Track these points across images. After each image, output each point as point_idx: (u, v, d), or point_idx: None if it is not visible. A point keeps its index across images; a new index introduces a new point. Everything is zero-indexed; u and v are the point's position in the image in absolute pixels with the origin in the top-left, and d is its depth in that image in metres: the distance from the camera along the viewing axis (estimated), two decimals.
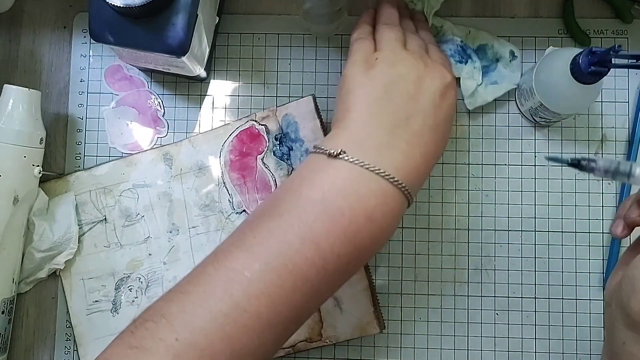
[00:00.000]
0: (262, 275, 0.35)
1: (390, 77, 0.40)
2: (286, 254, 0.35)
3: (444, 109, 0.41)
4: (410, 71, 0.41)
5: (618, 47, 0.40)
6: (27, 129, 0.48)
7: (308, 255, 0.35)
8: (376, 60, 0.42)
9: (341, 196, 0.37)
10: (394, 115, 0.40)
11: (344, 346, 0.51)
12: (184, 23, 0.44)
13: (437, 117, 0.41)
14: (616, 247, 0.51)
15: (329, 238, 0.36)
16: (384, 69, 0.41)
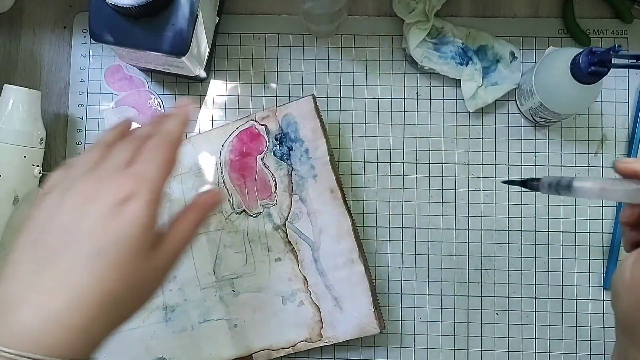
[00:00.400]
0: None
1: (53, 208, 0.33)
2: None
3: (110, 230, 0.32)
4: (76, 196, 0.33)
5: (618, 47, 0.40)
6: (27, 129, 0.48)
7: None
8: (48, 190, 0.35)
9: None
10: (35, 261, 0.32)
11: (344, 346, 0.51)
12: (184, 23, 0.44)
13: (99, 243, 0.32)
14: (616, 247, 0.51)
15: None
16: (51, 200, 0.34)
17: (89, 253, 0.32)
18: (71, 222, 0.32)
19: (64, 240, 0.32)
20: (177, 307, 0.51)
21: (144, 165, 0.35)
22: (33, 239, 0.33)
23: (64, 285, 0.31)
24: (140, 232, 0.33)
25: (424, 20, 0.51)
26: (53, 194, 0.34)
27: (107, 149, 0.36)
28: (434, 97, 0.53)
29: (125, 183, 0.33)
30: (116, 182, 0.33)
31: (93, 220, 0.32)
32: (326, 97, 0.54)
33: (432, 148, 0.53)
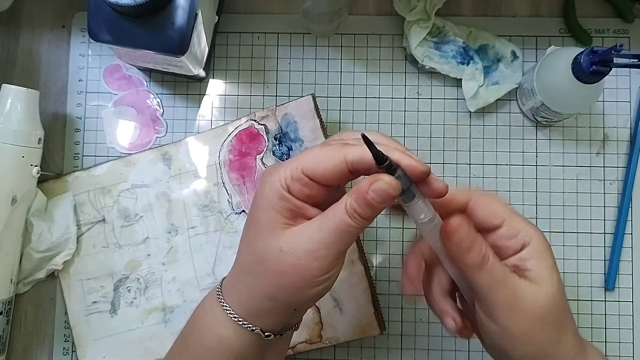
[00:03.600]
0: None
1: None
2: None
3: (249, 211, 0.37)
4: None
5: (619, 47, 0.40)
6: (25, 129, 0.48)
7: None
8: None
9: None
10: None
11: (344, 347, 0.51)
12: (183, 22, 0.43)
13: (246, 223, 0.37)
14: (618, 247, 0.51)
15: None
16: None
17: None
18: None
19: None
20: (176, 308, 0.51)
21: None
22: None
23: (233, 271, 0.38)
24: (260, 209, 0.35)
25: (425, 19, 0.51)
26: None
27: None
28: (434, 97, 0.53)
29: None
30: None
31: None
32: (326, 96, 0.53)
33: (433, 148, 0.53)
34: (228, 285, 0.37)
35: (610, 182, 0.52)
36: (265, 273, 0.34)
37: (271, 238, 0.34)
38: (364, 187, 0.33)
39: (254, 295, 0.35)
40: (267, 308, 0.35)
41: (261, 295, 0.35)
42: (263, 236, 0.34)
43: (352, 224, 0.33)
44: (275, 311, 0.35)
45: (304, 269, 0.33)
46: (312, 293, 0.34)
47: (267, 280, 0.34)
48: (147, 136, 0.53)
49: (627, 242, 0.51)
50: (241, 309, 0.36)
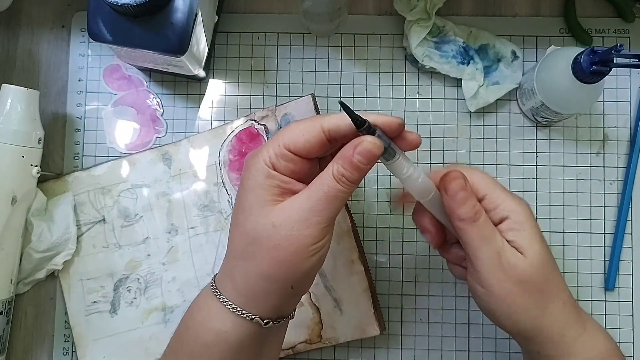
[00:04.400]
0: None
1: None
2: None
3: (236, 196, 0.38)
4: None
5: (620, 47, 0.40)
6: (25, 129, 0.48)
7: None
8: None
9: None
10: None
11: (344, 348, 0.51)
12: (183, 22, 0.43)
13: (234, 209, 0.38)
14: (618, 247, 0.51)
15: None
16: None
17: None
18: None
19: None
20: (176, 308, 0.51)
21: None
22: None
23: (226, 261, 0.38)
24: (246, 189, 0.36)
25: (425, 18, 0.51)
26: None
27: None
28: (434, 97, 0.53)
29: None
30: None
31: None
32: (326, 96, 0.53)
33: (433, 148, 0.53)
34: (221, 277, 0.37)
35: (610, 182, 0.52)
36: (260, 251, 0.35)
37: (262, 216, 0.35)
38: (349, 151, 0.34)
39: (249, 277, 0.35)
40: (264, 289, 0.35)
41: (257, 275, 0.35)
42: (253, 216, 0.35)
43: (340, 188, 0.34)
44: (272, 292, 0.35)
45: (297, 239, 0.34)
46: (307, 265, 0.35)
47: (263, 258, 0.35)
48: (147, 136, 0.53)
49: (627, 242, 0.51)
50: (237, 297, 0.36)
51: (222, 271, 0.38)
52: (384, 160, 0.36)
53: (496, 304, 0.38)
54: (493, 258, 0.37)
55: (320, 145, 0.35)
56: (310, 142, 0.35)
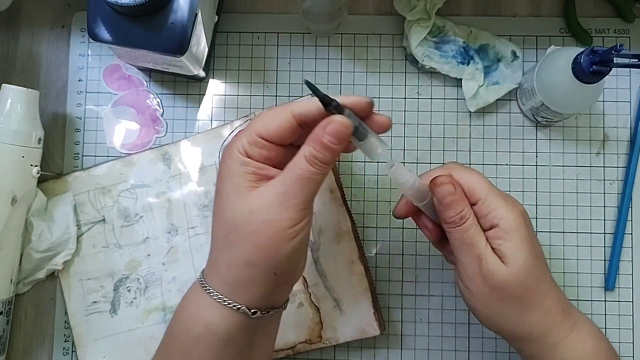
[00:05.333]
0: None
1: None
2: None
3: (216, 185, 0.37)
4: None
5: (620, 47, 0.40)
6: (25, 129, 0.48)
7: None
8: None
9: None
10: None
11: (344, 348, 0.51)
12: (183, 22, 0.43)
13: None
14: (618, 247, 0.51)
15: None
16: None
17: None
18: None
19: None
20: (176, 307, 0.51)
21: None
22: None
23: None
24: (223, 179, 0.36)
25: (425, 18, 0.51)
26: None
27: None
28: (434, 97, 0.53)
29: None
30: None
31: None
32: None
33: (433, 148, 0.53)
34: (208, 269, 0.38)
35: (610, 182, 0.52)
36: (240, 238, 0.35)
37: (239, 203, 0.35)
38: (319, 132, 0.35)
39: (232, 266, 0.36)
40: (248, 277, 0.35)
41: (239, 263, 0.35)
42: (230, 203, 0.35)
43: (313, 170, 0.35)
44: (256, 279, 0.35)
45: (275, 222, 0.34)
46: (288, 249, 0.35)
47: (242, 244, 0.35)
48: (147, 136, 0.53)
49: (627, 242, 0.51)
50: (223, 287, 0.36)
51: (208, 263, 0.38)
52: (356, 141, 0.36)
53: (476, 305, 0.39)
54: (473, 263, 0.38)
55: (291, 130, 0.36)
56: (282, 127, 0.36)
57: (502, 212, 0.38)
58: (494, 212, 0.38)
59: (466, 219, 0.38)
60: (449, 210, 0.38)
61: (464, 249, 0.38)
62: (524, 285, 0.38)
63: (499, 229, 0.38)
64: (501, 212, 0.38)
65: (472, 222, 0.38)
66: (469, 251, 0.38)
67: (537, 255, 0.39)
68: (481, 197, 0.38)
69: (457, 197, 0.38)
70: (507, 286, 0.37)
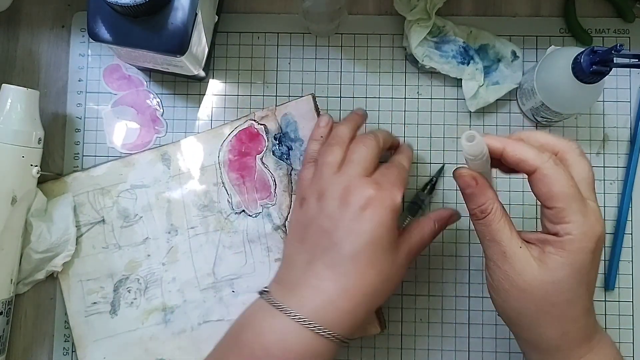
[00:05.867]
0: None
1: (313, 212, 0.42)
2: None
3: (361, 233, 0.39)
4: (330, 202, 0.41)
5: (620, 46, 0.40)
6: (25, 129, 0.48)
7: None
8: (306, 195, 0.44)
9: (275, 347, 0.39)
10: (307, 253, 0.41)
11: (344, 347, 0.51)
12: (183, 22, 0.43)
13: (355, 245, 0.39)
14: (618, 247, 0.51)
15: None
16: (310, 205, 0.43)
17: (349, 253, 0.39)
18: (330, 226, 0.40)
19: (327, 241, 0.40)
20: (176, 308, 0.51)
21: (384, 176, 0.42)
22: (300, 238, 0.42)
23: (333, 276, 0.39)
24: (386, 233, 0.40)
25: (425, 18, 0.51)
26: (310, 199, 0.42)
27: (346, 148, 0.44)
28: (434, 97, 0.53)
29: (369, 190, 0.40)
30: (362, 189, 0.40)
31: (347, 225, 0.40)
32: (326, 96, 0.53)
33: (433, 148, 0.53)
34: (342, 313, 0.39)
35: (610, 182, 0.52)
36: (388, 288, 0.41)
37: (395, 257, 0.41)
38: (447, 214, 0.46)
39: (365, 315, 0.40)
40: (367, 315, 0.41)
41: (371, 310, 0.41)
42: (391, 256, 0.41)
43: (429, 238, 0.45)
44: (367, 316, 0.41)
45: (399, 278, 0.43)
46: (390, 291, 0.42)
47: (381, 297, 0.41)
48: (147, 136, 0.53)
49: (627, 242, 0.51)
50: (345, 330, 0.39)
51: (342, 306, 0.39)
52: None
53: (492, 293, 0.39)
54: (495, 257, 0.37)
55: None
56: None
57: (573, 229, 0.35)
58: (565, 225, 0.35)
59: (487, 213, 0.37)
60: (469, 202, 0.38)
61: (485, 242, 0.38)
62: (549, 300, 0.36)
63: (559, 241, 0.36)
64: (571, 228, 0.35)
65: (495, 217, 0.37)
66: (491, 246, 0.38)
67: (582, 280, 0.36)
68: (558, 205, 0.35)
69: (477, 190, 0.38)
70: (529, 289, 0.36)
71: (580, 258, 0.36)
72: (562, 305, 0.36)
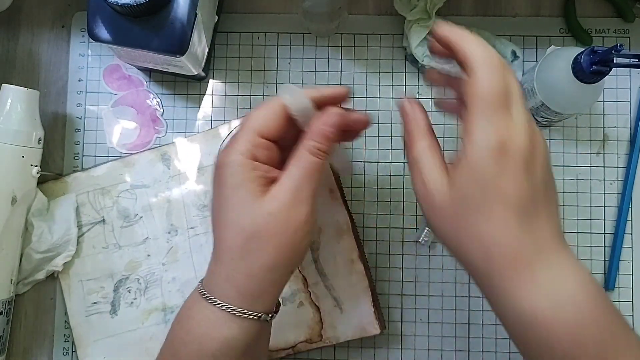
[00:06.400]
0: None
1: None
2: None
3: (215, 197, 0.37)
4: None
5: (620, 46, 0.40)
6: (25, 129, 0.48)
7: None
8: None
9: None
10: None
11: (344, 347, 0.51)
12: (183, 22, 0.43)
13: (213, 212, 0.37)
14: (618, 247, 0.51)
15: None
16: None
17: (214, 240, 0.37)
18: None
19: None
20: (176, 308, 0.51)
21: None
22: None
23: (214, 263, 0.37)
24: (231, 188, 0.35)
25: (425, 18, 0.51)
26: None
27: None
28: (434, 97, 0.53)
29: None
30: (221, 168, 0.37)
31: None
32: None
33: None
34: (219, 283, 0.36)
35: (610, 182, 0.52)
36: (262, 243, 0.35)
37: (257, 208, 0.35)
38: (320, 126, 0.36)
39: (254, 275, 0.35)
40: (271, 282, 0.36)
41: (263, 270, 0.35)
42: (247, 210, 0.35)
43: (319, 161, 0.36)
44: (277, 283, 0.36)
45: (293, 219, 0.35)
46: (305, 243, 0.36)
47: (265, 249, 0.35)
48: (147, 136, 0.53)
49: (627, 242, 0.51)
50: (243, 299, 0.35)
51: (217, 277, 0.36)
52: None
53: (429, 220, 0.35)
54: (418, 184, 0.35)
55: (288, 125, 0.37)
56: (281, 124, 0.37)
57: (475, 137, 0.32)
58: (469, 135, 0.32)
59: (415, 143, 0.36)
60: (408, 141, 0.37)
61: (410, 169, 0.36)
62: (462, 217, 0.33)
63: (462, 152, 0.33)
64: (474, 137, 0.32)
65: (427, 148, 0.35)
66: (412, 171, 0.36)
67: (490, 194, 0.32)
68: (468, 111, 0.32)
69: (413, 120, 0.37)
70: (442, 208, 0.33)
71: (480, 168, 0.32)
72: (476, 223, 0.32)
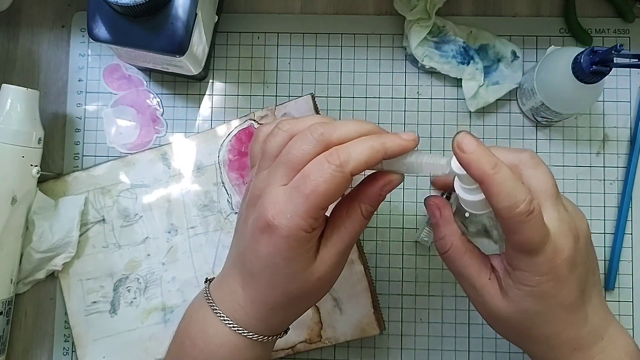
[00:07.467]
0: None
1: (241, 207, 0.39)
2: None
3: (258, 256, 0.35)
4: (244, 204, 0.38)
5: (620, 47, 0.40)
6: (25, 129, 0.48)
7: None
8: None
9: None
10: (232, 249, 0.39)
11: (344, 347, 0.51)
12: (183, 22, 0.43)
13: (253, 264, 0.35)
14: (618, 247, 0.51)
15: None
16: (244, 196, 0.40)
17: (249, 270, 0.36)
18: (239, 233, 0.38)
19: (239, 245, 0.37)
20: (176, 308, 0.51)
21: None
22: (236, 230, 0.39)
23: (242, 284, 0.36)
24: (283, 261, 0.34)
25: (426, 18, 0.51)
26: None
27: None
28: (434, 97, 0.53)
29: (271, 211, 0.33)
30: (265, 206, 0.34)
31: (247, 241, 0.35)
32: (326, 96, 0.53)
33: (433, 148, 0.53)
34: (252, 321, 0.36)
35: (610, 182, 0.52)
36: (304, 302, 0.37)
37: (308, 276, 0.35)
38: (376, 191, 0.35)
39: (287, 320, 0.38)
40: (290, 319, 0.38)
41: (295, 315, 0.38)
42: (298, 279, 0.35)
43: (366, 222, 0.36)
44: (293, 319, 0.38)
45: (335, 276, 0.37)
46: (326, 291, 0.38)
47: (305, 305, 0.38)
48: (147, 136, 0.53)
49: (627, 242, 0.51)
50: (259, 329, 0.37)
51: (239, 304, 0.36)
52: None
53: (482, 315, 0.39)
54: (469, 290, 0.38)
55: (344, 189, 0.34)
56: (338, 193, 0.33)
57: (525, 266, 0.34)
58: (521, 259, 0.34)
59: (446, 250, 0.37)
60: (434, 232, 0.39)
61: (455, 276, 0.38)
62: (524, 326, 0.36)
63: (514, 274, 0.34)
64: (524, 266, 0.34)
65: (456, 253, 0.37)
66: (460, 280, 0.38)
67: (553, 304, 0.34)
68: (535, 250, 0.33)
69: (441, 221, 0.38)
70: (502, 319, 0.36)
71: (542, 289, 0.34)
72: (539, 329, 0.35)
